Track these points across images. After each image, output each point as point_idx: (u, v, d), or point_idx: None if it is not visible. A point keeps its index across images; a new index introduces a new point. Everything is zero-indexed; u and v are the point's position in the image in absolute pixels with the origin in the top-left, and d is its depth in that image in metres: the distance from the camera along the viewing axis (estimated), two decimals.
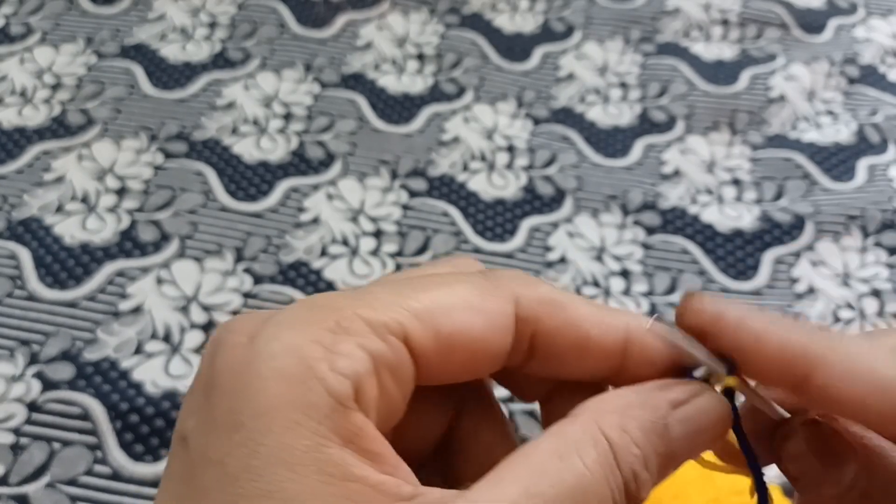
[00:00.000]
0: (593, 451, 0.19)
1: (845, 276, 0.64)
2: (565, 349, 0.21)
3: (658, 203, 0.68)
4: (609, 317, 0.22)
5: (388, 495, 0.17)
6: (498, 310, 0.21)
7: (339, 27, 0.79)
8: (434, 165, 0.69)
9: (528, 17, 0.83)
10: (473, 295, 0.20)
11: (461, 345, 0.20)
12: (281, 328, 0.18)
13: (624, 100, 0.76)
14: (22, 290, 0.58)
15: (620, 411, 0.20)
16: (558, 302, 0.21)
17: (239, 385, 0.18)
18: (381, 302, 0.19)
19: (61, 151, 0.67)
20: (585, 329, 0.21)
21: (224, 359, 0.19)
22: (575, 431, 0.19)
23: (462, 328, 0.20)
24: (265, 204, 0.65)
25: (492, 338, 0.20)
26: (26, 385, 0.54)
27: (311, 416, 0.17)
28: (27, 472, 0.50)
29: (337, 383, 0.18)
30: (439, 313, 0.20)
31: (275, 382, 0.17)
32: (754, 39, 0.82)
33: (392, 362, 0.19)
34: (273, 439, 0.17)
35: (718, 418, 0.21)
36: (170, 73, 0.74)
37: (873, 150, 0.73)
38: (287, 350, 0.18)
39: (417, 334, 0.19)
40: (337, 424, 0.17)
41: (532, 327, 0.21)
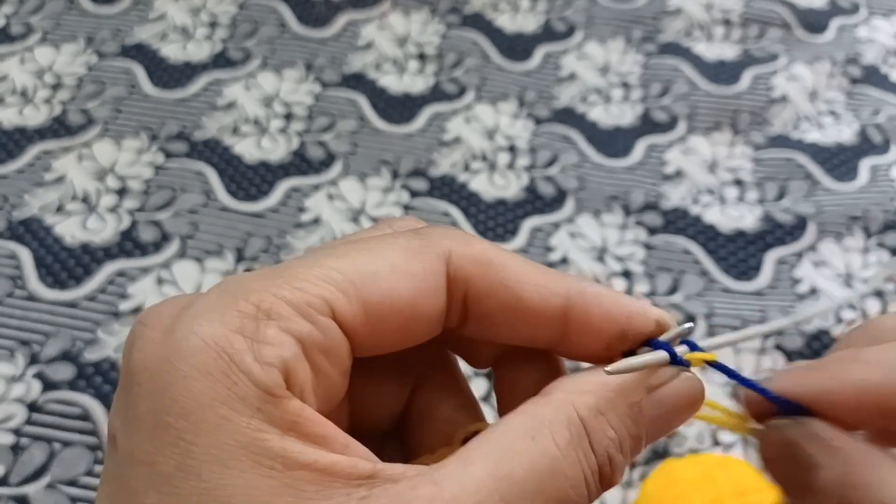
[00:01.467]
0: (567, 433, 0.18)
1: (847, 277, 0.64)
2: (498, 311, 0.21)
3: (660, 203, 0.68)
4: (549, 281, 0.21)
5: (341, 476, 0.17)
6: (427, 270, 0.20)
7: (340, 27, 0.79)
8: (435, 165, 0.69)
9: (529, 17, 0.82)
10: (400, 257, 0.19)
11: (391, 311, 0.19)
12: (198, 319, 0.17)
13: (625, 100, 0.76)
14: (22, 290, 0.58)
15: (596, 393, 0.19)
16: (493, 261, 0.21)
17: (160, 384, 0.17)
18: (301, 279, 0.18)
19: (62, 151, 0.67)
20: (519, 291, 0.20)
21: (141, 355, 0.18)
22: (548, 412, 0.19)
23: (390, 294, 0.19)
24: (266, 204, 0.65)
25: (423, 301, 0.20)
26: (26, 385, 0.53)
27: (240, 411, 0.17)
28: (27, 473, 0.50)
29: (264, 373, 0.17)
30: (364, 282, 0.19)
31: (198, 380, 0.17)
32: (756, 39, 0.82)
33: (323, 343, 0.18)
34: (204, 438, 0.16)
35: (692, 400, 0.21)
36: (170, 72, 0.74)
37: (875, 150, 0.73)
38: (207, 344, 0.17)
39: (344, 308, 0.18)
40: (271, 415, 0.17)
41: (464, 287, 0.20)
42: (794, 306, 0.62)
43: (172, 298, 0.19)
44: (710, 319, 0.61)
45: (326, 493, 0.16)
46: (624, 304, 0.21)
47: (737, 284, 0.63)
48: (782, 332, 0.60)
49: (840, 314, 0.62)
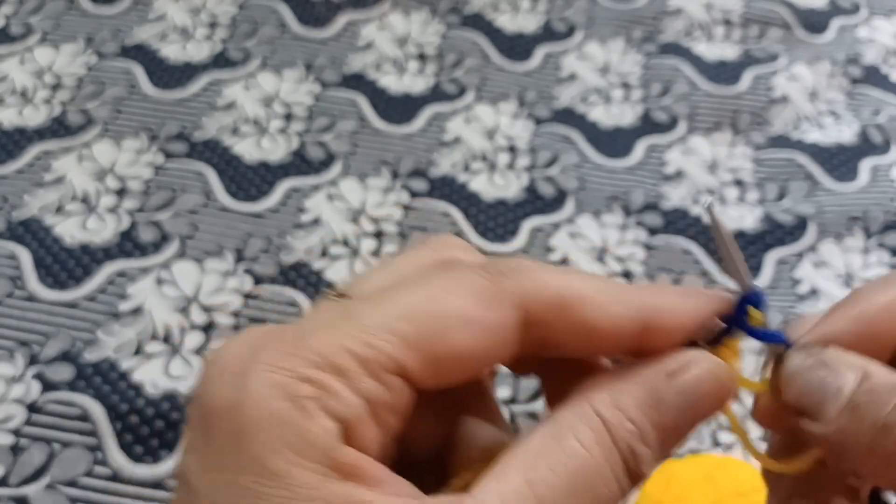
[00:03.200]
0: (588, 431, 0.19)
1: (848, 277, 0.64)
2: (576, 346, 0.21)
3: (660, 204, 0.68)
4: (618, 301, 0.20)
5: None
6: (500, 323, 0.19)
7: (340, 27, 0.79)
8: (435, 166, 0.69)
9: (529, 17, 0.82)
10: (471, 305, 0.19)
11: (460, 365, 0.19)
12: (269, 368, 0.18)
13: (626, 100, 0.76)
14: (22, 291, 0.58)
15: (612, 388, 0.20)
16: (571, 301, 0.20)
17: (234, 428, 0.18)
18: (368, 331, 0.18)
19: (61, 152, 0.67)
20: (597, 327, 0.20)
21: (215, 399, 0.18)
22: (567, 414, 0.19)
23: (460, 350, 0.19)
24: (266, 204, 0.65)
25: (494, 354, 0.20)
26: (26, 386, 0.53)
27: (307, 457, 0.17)
28: (27, 474, 0.50)
29: (328, 425, 0.18)
30: (434, 336, 0.19)
31: (269, 428, 0.17)
32: (756, 39, 0.82)
33: (390, 402, 0.19)
34: (277, 482, 0.17)
35: (718, 383, 0.20)
36: (170, 72, 0.74)
37: (876, 150, 0.73)
38: (277, 392, 0.18)
39: (413, 366, 0.19)
40: (335, 461, 0.18)
41: (540, 332, 0.20)
42: (794, 306, 0.62)
43: (242, 337, 0.20)
44: None
45: None
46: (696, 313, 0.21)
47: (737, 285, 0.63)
48: None
49: None
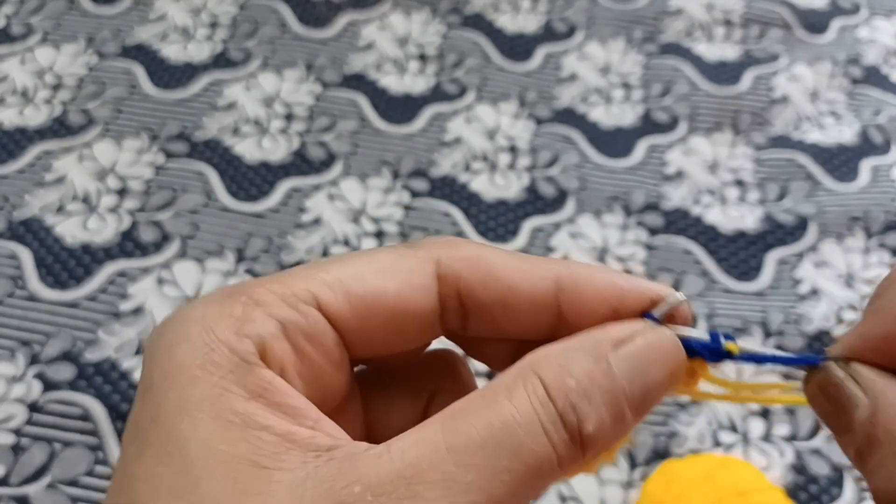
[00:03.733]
0: (521, 389, 0.18)
1: (848, 277, 0.64)
2: (492, 303, 0.21)
3: (661, 204, 0.68)
4: (537, 267, 0.21)
5: (298, 445, 0.18)
6: (414, 269, 0.21)
7: (341, 27, 0.79)
8: (436, 166, 0.69)
9: (530, 18, 0.82)
10: (387, 260, 0.21)
11: (378, 307, 0.20)
12: (194, 305, 0.20)
13: (626, 100, 0.76)
14: (23, 291, 0.58)
15: (555, 350, 0.19)
16: (481, 257, 0.21)
17: (152, 353, 0.19)
18: (293, 277, 0.20)
19: (62, 151, 0.67)
20: (508, 281, 0.21)
21: (150, 339, 0.20)
22: (505, 376, 0.19)
23: (375, 289, 0.20)
24: (266, 204, 0.65)
25: (409, 297, 0.21)
26: (27, 386, 0.53)
27: (212, 372, 0.18)
28: (28, 473, 0.50)
29: (239, 343, 0.19)
30: (350, 279, 0.20)
31: (181, 346, 0.19)
32: (757, 40, 0.82)
33: (305, 327, 0.20)
34: (175, 393, 0.18)
35: (667, 352, 0.20)
36: (171, 73, 0.74)
37: (876, 150, 0.73)
38: (194, 319, 0.19)
39: (328, 298, 0.20)
40: (241, 379, 0.18)
41: (454, 284, 0.21)
42: (795, 307, 0.62)
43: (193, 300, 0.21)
44: (711, 320, 0.61)
45: (282, 456, 0.17)
46: (616, 283, 0.21)
47: (738, 285, 0.63)
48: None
49: (840, 314, 0.62)
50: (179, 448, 0.17)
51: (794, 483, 0.54)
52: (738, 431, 0.56)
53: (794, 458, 0.55)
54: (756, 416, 0.56)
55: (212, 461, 0.17)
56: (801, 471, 0.54)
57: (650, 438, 0.55)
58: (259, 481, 0.17)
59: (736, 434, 0.55)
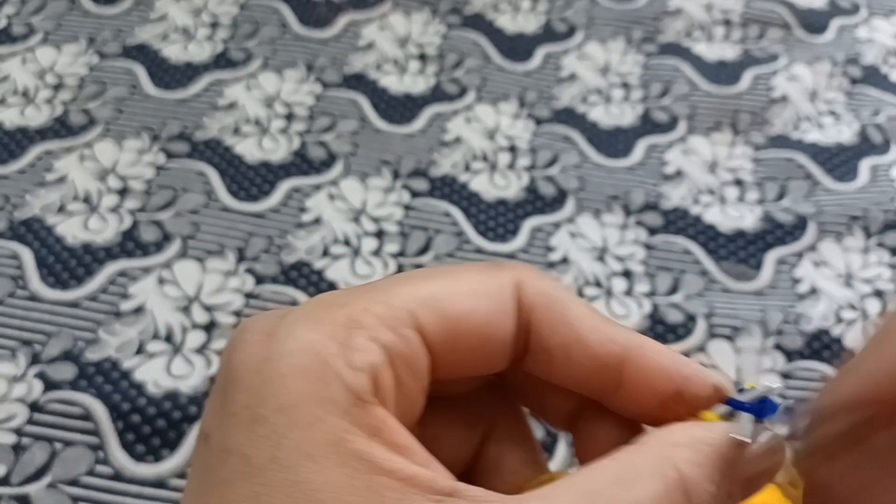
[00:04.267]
0: (660, 484, 0.18)
1: (848, 277, 0.64)
2: (556, 347, 0.21)
3: (660, 203, 0.68)
4: (610, 328, 0.21)
5: (421, 488, 0.17)
6: (500, 293, 0.20)
7: (341, 27, 0.79)
8: (436, 166, 0.69)
9: (529, 18, 0.82)
10: (476, 280, 0.20)
11: (468, 328, 0.20)
12: (296, 326, 0.19)
13: (626, 100, 0.76)
14: (24, 290, 0.58)
15: (693, 446, 0.19)
16: (559, 298, 0.21)
17: (258, 381, 0.18)
18: (389, 295, 0.19)
19: (63, 151, 0.67)
20: (580, 330, 0.21)
21: (241, 356, 0.19)
22: (642, 460, 0.18)
23: (467, 311, 0.20)
24: (267, 204, 0.65)
25: (496, 321, 0.20)
26: (28, 385, 0.54)
27: (331, 412, 0.17)
28: (28, 473, 0.50)
29: (354, 378, 0.18)
30: (445, 299, 0.20)
31: (294, 378, 0.18)
32: (756, 40, 0.82)
33: (406, 353, 0.19)
34: (297, 433, 0.17)
35: (778, 457, 0.20)
36: (172, 73, 0.74)
37: (876, 150, 0.73)
38: (304, 347, 0.18)
39: (427, 321, 0.19)
40: (359, 419, 0.17)
41: (528, 315, 0.21)
42: (794, 306, 0.62)
43: (271, 311, 0.20)
44: (710, 319, 0.61)
45: (405, 501, 0.17)
46: (682, 364, 0.21)
47: (737, 284, 0.63)
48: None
49: (840, 314, 0.62)
50: (311, 500, 0.16)
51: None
52: None
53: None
54: None
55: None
56: None
57: None
58: None
59: None
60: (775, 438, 0.20)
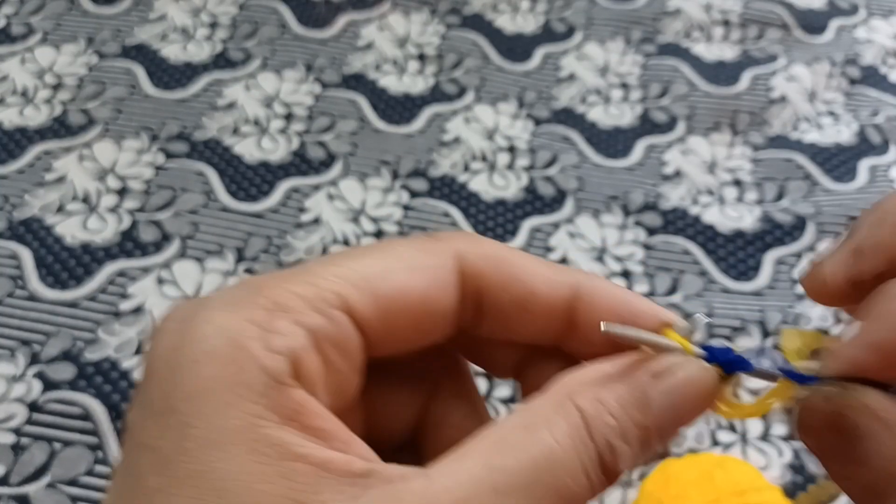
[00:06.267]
0: (563, 423, 0.18)
1: None
2: (510, 305, 0.21)
3: (659, 204, 0.68)
4: (556, 273, 0.21)
5: (335, 472, 0.17)
6: (438, 265, 0.20)
7: (340, 27, 0.79)
8: (435, 166, 0.69)
9: (529, 18, 0.83)
10: (411, 255, 0.20)
11: (403, 306, 0.19)
12: (213, 311, 0.18)
13: (625, 100, 0.76)
14: (23, 290, 0.58)
15: (595, 382, 0.19)
16: (503, 257, 0.21)
17: (169, 370, 0.17)
18: (316, 276, 0.19)
19: (62, 151, 0.67)
20: (530, 284, 0.21)
21: (157, 346, 0.18)
22: (544, 404, 0.19)
23: (401, 288, 0.19)
24: (266, 204, 0.65)
25: (434, 295, 0.20)
26: (27, 385, 0.54)
27: (243, 396, 0.17)
28: (28, 473, 0.50)
29: (271, 361, 0.17)
30: (376, 278, 0.19)
31: (206, 364, 0.17)
32: (755, 40, 0.82)
33: (334, 336, 0.19)
34: (205, 421, 0.17)
35: (704, 388, 0.20)
36: (171, 73, 0.74)
37: (874, 150, 0.73)
38: (218, 331, 0.17)
39: (356, 301, 0.19)
40: (274, 402, 0.17)
41: (476, 283, 0.21)
42: (793, 306, 0.62)
43: (196, 298, 0.20)
44: (709, 320, 0.61)
45: (318, 487, 0.16)
46: (630, 302, 0.21)
47: (736, 285, 0.63)
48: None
49: (839, 314, 0.62)
50: (216, 489, 0.16)
51: (793, 482, 0.54)
52: (737, 431, 0.56)
53: (792, 458, 0.55)
54: None
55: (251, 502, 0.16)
56: (799, 470, 0.54)
57: None
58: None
59: (734, 433, 0.56)
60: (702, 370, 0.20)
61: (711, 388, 0.20)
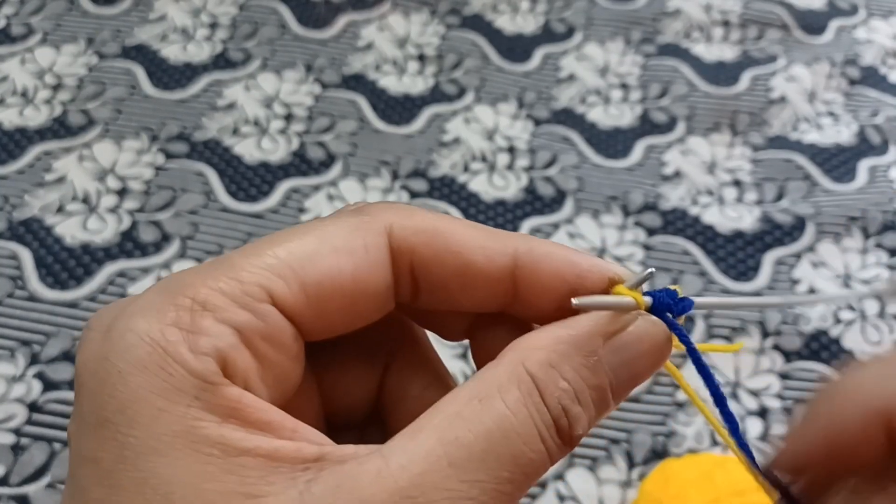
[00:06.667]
0: (516, 391, 0.18)
1: (846, 278, 0.64)
2: (447, 279, 0.20)
3: (659, 204, 0.68)
4: (495, 241, 0.20)
5: (285, 461, 0.17)
6: (368, 245, 0.20)
7: (340, 28, 0.79)
8: (435, 166, 0.69)
9: (528, 18, 0.83)
10: (338, 236, 0.19)
11: (333, 290, 0.19)
12: (135, 317, 0.18)
13: (625, 101, 0.76)
14: (23, 291, 0.58)
15: (547, 347, 0.19)
16: (437, 229, 0.20)
17: (97, 382, 0.17)
18: (238, 269, 0.18)
19: (62, 152, 0.67)
20: (466, 256, 0.20)
21: (82, 357, 0.18)
22: (497, 373, 0.18)
23: (330, 273, 0.19)
24: (266, 204, 0.65)
25: (366, 276, 0.19)
26: (27, 385, 0.54)
27: (176, 401, 0.17)
28: (28, 473, 0.50)
29: (199, 363, 0.17)
30: (303, 264, 0.19)
31: (132, 374, 0.17)
32: (755, 40, 0.82)
33: (262, 330, 0.18)
34: (141, 430, 0.17)
35: (655, 344, 0.20)
36: (171, 73, 0.74)
37: (874, 151, 0.73)
38: (142, 339, 0.17)
39: (283, 292, 0.18)
40: (209, 403, 0.17)
41: (408, 258, 0.20)
42: (793, 307, 0.62)
43: (117, 301, 0.19)
44: (708, 320, 0.61)
45: (270, 478, 0.16)
46: (574, 262, 0.20)
47: (735, 285, 0.63)
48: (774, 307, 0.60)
49: (838, 314, 0.62)
50: (161, 494, 0.16)
51: None
52: None
53: None
54: (753, 415, 0.57)
55: (200, 502, 0.16)
56: None
57: (648, 438, 0.55)
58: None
59: None
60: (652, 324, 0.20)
61: (663, 342, 0.20)
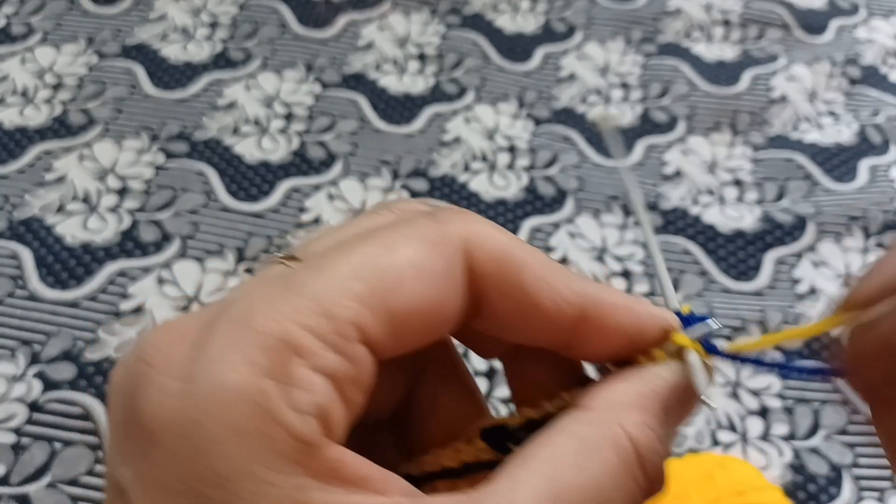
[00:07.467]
0: (615, 459, 0.18)
1: (847, 277, 0.64)
2: (509, 313, 0.20)
3: (659, 204, 0.68)
4: (567, 289, 0.19)
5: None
6: (449, 270, 0.18)
7: (341, 27, 0.79)
8: (435, 166, 0.69)
9: (529, 18, 0.82)
10: (420, 252, 0.18)
11: (417, 320, 0.18)
12: (220, 365, 0.16)
13: (625, 100, 0.76)
14: (23, 290, 0.58)
15: (639, 405, 0.19)
16: (511, 260, 0.19)
17: (189, 450, 0.15)
18: (322, 299, 0.17)
19: (62, 151, 0.67)
20: (535, 298, 0.19)
21: (156, 409, 0.16)
22: (594, 434, 0.18)
23: (415, 302, 0.18)
24: (266, 204, 0.65)
25: (446, 304, 0.18)
26: (27, 385, 0.54)
27: (279, 470, 0.15)
28: (28, 472, 0.50)
29: (301, 424, 0.16)
30: (390, 292, 0.17)
31: (233, 443, 0.15)
32: (756, 40, 0.82)
33: (355, 376, 0.17)
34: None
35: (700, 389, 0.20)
36: (171, 73, 0.74)
37: (875, 150, 0.73)
38: (239, 397, 0.15)
39: (374, 330, 0.17)
40: (311, 468, 0.16)
41: (479, 284, 0.19)
42: (793, 306, 0.62)
43: (173, 327, 0.17)
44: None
45: None
46: (635, 313, 0.20)
47: (736, 284, 0.63)
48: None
49: None
50: None
51: (793, 482, 0.54)
52: (737, 431, 0.56)
53: (792, 458, 0.55)
54: (754, 415, 0.56)
55: None
56: (799, 470, 0.54)
57: None
58: None
59: (734, 433, 0.56)
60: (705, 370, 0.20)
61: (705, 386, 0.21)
